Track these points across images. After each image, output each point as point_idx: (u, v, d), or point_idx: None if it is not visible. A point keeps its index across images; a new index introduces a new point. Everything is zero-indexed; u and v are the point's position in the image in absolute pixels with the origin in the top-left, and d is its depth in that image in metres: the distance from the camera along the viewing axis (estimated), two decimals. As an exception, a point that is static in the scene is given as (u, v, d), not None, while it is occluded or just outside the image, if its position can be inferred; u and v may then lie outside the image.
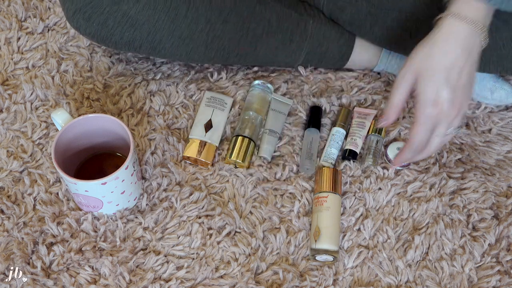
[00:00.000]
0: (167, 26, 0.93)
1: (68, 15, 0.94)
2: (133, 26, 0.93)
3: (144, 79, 1.08)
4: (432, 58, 0.80)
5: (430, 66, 0.81)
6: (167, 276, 0.89)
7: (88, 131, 0.92)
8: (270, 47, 1.01)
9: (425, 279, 0.91)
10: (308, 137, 1.01)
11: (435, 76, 0.80)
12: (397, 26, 0.98)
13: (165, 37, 0.95)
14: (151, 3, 0.92)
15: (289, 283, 0.89)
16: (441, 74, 0.80)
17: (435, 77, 0.80)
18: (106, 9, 0.92)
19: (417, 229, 0.95)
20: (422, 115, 0.82)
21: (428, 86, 0.81)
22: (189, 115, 1.04)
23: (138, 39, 0.95)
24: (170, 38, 0.95)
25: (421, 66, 0.81)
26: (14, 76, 1.08)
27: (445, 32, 0.80)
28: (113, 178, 0.85)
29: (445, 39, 0.80)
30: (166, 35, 0.95)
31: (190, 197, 0.96)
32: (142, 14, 0.92)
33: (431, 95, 0.81)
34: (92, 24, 0.93)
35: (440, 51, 0.80)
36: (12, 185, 0.96)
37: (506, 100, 1.06)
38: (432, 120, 0.82)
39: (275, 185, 0.98)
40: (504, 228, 0.95)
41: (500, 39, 0.92)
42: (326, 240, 0.89)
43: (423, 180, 0.99)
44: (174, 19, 0.93)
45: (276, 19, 0.99)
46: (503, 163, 1.02)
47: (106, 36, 0.94)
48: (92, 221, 0.92)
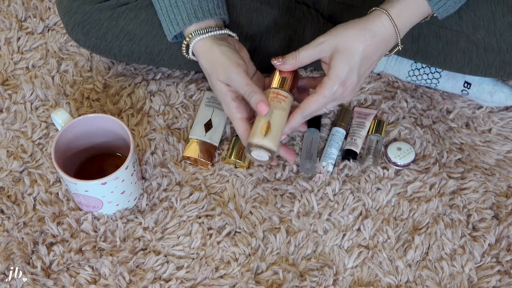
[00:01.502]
0: (165, 41, 0.94)
1: (67, 29, 0.96)
2: (131, 40, 0.94)
3: (144, 79, 1.08)
4: (356, 43, 0.82)
5: (351, 49, 0.82)
6: (167, 276, 0.89)
7: (88, 131, 0.92)
8: (269, 54, 1.01)
9: (425, 279, 0.91)
10: (308, 137, 1.01)
11: (353, 59, 0.82)
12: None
13: (163, 50, 0.96)
14: (148, 19, 0.93)
15: (289, 283, 0.89)
16: (358, 60, 0.82)
17: (352, 60, 0.82)
18: (104, 24, 0.93)
19: (417, 229, 0.95)
20: (329, 89, 0.83)
21: (343, 65, 0.82)
22: (189, 115, 1.04)
23: (136, 52, 0.96)
24: (168, 51, 0.96)
25: (343, 45, 0.82)
26: (14, 76, 1.08)
27: (376, 26, 0.82)
28: (113, 178, 0.85)
29: (373, 32, 0.82)
30: (164, 48, 0.95)
31: (190, 197, 0.96)
32: (140, 29, 0.93)
33: (342, 74, 0.82)
34: (91, 38, 0.94)
35: (366, 40, 0.82)
36: (12, 185, 0.96)
37: (505, 102, 1.06)
38: (333, 97, 0.84)
39: (275, 185, 0.98)
40: (504, 228, 0.95)
41: (505, 42, 0.92)
42: (273, 139, 0.84)
43: (423, 180, 0.99)
44: None
45: (274, 26, 1.00)
46: (503, 163, 1.02)
47: (105, 49, 0.96)
48: (92, 221, 0.92)
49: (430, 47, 0.97)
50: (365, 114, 1.05)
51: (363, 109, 1.06)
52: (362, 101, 1.07)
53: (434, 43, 0.96)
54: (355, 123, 1.04)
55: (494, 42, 0.91)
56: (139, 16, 0.93)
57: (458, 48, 0.95)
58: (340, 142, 1.01)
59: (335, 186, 0.97)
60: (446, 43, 0.96)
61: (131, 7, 0.93)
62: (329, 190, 0.97)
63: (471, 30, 0.93)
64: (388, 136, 1.03)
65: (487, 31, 0.92)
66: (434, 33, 0.95)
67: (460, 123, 1.06)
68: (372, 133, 1.02)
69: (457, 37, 0.94)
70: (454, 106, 1.08)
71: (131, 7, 0.93)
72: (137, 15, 0.93)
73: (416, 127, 1.04)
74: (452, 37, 0.95)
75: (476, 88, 1.06)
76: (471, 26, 0.92)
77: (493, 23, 0.91)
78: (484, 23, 0.92)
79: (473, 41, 0.94)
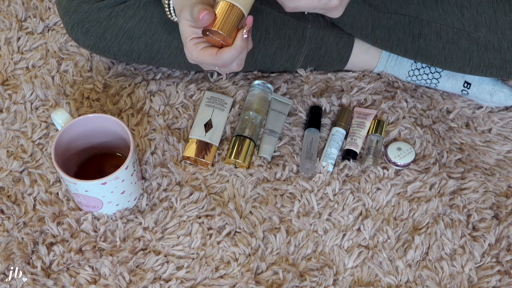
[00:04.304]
0: (164, 38, 0.94)
1: (67, 29, 0.96)
2: (130, 38, 0.95)
3: (144, 79, 1.08)
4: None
5: None
6: (167, 276, 0.89)
7: (88, 131, 0.92)
8: (268, 53, 1.01)
9: (425, 279, 0.91)
10: (308, 137, 1.01)
11: None
12: (399, 29, 0.98)
13: (163, 48, 0.96)
14: (147, 17, 0.93)
15: (289, 283, 0.89)
16: None
17: None
18: (103, 23, 0.93)
19: (417, 229, 0.95)
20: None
21: None
22: (189, 115, 1.04)
23: (136, 50, 0.96)
24: (168, 49, 0.96)
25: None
26: (14, 76, 1.08)
27: None
28: (113, 178, 0.85)
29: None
30: (164, 46, 0.96)
31: (190, 197, 0.96)
32: (139, 27, 0.94)
33: None
34: (90, 37, 0.95)
35: None
36: (12, 185, 0.96)
37: (505, 102, 1.06)
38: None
39: (275, 185, 0.98)
40: (504, 228, 0.95)
41: (505, 41, 0.92)
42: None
43: (423, 180, 0.99)
44: (170, 32, 0.94)
45: (273, 26, 1.00)
46: (503, 163, 1.02)
47: (105, 48, 0.96)
48: (92, 221, 0.92)
49: (431, 46, 0.97)
50: (365, 114, 1.05)
51: (363, 109, 1.06)
52: (362, 101, 1.07)
53: (435, 42, 0.96)
54: (355, 123, 1.04)
55: (495, 40, 0.91)
56: (137, 13, 0.93)
57: (459, 47, 0.95)
58: (340, 142, 1.01)
59: (335, 186, 0.97)
60: (446, 42, 0.96)
61: (129, 5, 0.93)
62: (329, 190, 0.97)
63: (473, 28, 0.93)
64: (388, 136, 1.03)
65: (488, 29, 0.92)
66: (435, 32, 0.95)
67: (460, 123, 1.06)
68: (372, 133, 1.02)
69: (458, 36, 0.95)
70: (454, 106, 1.08)
71: (130, 5, 0.93)
72: (136, 13, 0.93)
73: (416, 127, 1.04)
74: (453, 35, 0.95)
75: (476, 88, 1.06)
76: (472, 24, 0.92)
77: (495, 21, 0.91)
78: (486, 21, 0.92)
79: (473, 39, 0.94)
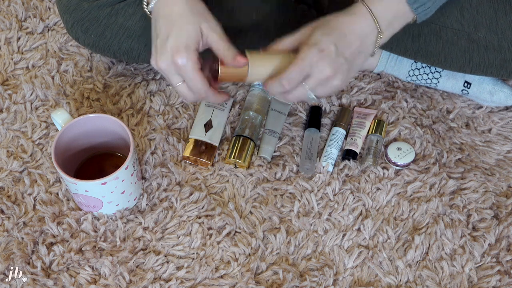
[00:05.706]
0: None
1: (67, 27, 0.96)
2: (130, 37, 0.94)
3: (144, 79, 1.08)
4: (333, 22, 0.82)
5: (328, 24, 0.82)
6: (167, 276, 0.89)
7: (88, 131, 0.92)
8: None
9: (425, 279, 0.91)
10: (308, 137, 1.01)
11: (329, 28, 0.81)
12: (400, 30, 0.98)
13: None
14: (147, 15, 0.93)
15: (289, 283, 0.89)
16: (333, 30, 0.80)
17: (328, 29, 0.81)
18: (103, 21, 0.93)
19: (417, 229, 0.95)
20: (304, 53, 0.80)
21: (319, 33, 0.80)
22: (189, 115, 1.04)
23: (136, 49, 0.96)
24: None
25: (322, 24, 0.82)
26: (14, 76, 1.08)
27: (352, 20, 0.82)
28: (113, 178, 0.85)
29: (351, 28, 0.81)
30: None
31: (190, 197, 0.96)
32: (139, 25, 0.93)
33: (317, 38, 0.80)
34: (90, 35, 0.95)
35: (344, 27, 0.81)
36: (12, 185, 0.96)
37: (505, 102, 1.06)
38: (310, 62, 0.80)
39: (275, 185, 0.98)
40: (504, 228, 0.95)
41: (506, 41, 0.92)
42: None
43: (423, 180, 0.99)
44: None
45: (273, 28, 1.00)
46: (503, 163, 1.02)
47: (104, 47, 0.96)
48: (92, 221, 0.92)
49: (431, 46, 0.97)
50: (365, 114, 1.05)
51: (363, 109, 1.06)
52: (362, 101, 1.07)
53: (435, 42, 0.96)
54: (355, 123, 1.04)
55: (495, 40, 0.91)
56: (137, 12, 0.93)
57: (459, 47, 0.95)
58: (340, 142, 1.02)
59: (335, 186, 0.97)
60: (446, 42, 0.96)
61: (129, 3, 0.93)
62: (329, 190, 0.97)
63: (472, 29, 0.93)
64: (388, 136, 1.03)
65: (488, 30, 0.92)
66: (434, 32, 0.95)
67: (460, 123, 1.06)
68: (372, 133, 1.02)
69: (457, 36, 0.95)
70: (454, 106, 1.08)
71: (130, 3, 0.93)
72: (136, 11, 0.93)
73: (416, 127, 1.04)
74: (453, 36, 0.95)
75: (476, 88, 1.05)
76: (472, 25, 0.92)
77: (495, 21, 0.91)
78: (486, 21, 0.92)
79: (474, 39, 0.94)
